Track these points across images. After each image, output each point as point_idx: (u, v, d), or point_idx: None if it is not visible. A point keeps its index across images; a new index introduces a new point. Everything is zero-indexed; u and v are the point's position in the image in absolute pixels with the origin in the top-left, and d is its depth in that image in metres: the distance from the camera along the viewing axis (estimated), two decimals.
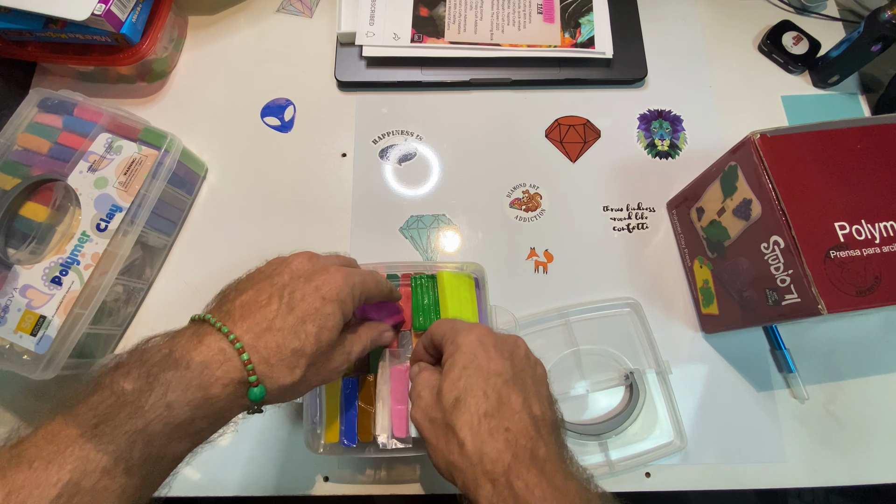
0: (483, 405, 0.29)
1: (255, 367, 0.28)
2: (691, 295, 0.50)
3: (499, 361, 0.31)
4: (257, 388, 0.29)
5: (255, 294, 0.31)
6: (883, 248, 0.35)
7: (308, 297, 0.31)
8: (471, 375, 0.30)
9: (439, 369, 0.34)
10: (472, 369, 0.31)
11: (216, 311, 0.31)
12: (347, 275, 0.33)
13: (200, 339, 0.28)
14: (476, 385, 0.30)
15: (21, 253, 0.43)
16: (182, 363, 0.27)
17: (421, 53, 0.55)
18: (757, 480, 0.45)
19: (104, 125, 0.47)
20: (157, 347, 0.28)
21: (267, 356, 0.29)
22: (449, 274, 0.44)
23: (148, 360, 0.27)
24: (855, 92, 0.57)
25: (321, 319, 0.31)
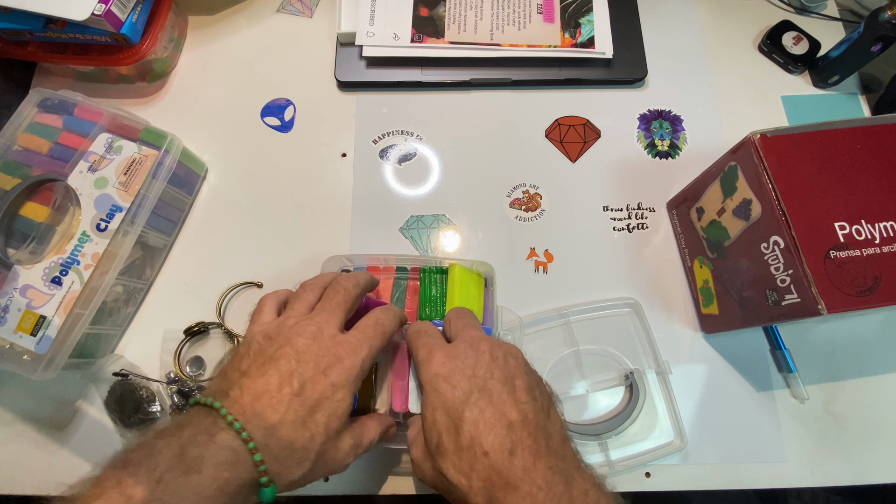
0: (457, 441, 0.29)
1: (266, 468, 0.27)
2: (691, 295, 0.50)
3: (462, 385, 0.30)
4: (269, 489, 0.28)
5: (262, 381, 0.29)
6: (883, 248, 0.35)
7: (318, 386, 0.30)
8: (441, 415, 0.30)
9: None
10: (441, 409, 0.30)
11: (222, 397, 0.29)
12: (356, 349, 0.32)
13: (212, 435, 0.27)
14: (447, 423, 0.30)
15: (21, 253, 0.43)
16: (194, 468, 0.25)
17: (421, 53, 0.55)
18: (757, 480, 0.45)
19: (104, 125, 0.47)
20: (166, 443, 0.26)
21: (277, 453, 0.28)
22: (461, 268, 0.44)
23: (158, 461, 0.25)
24: (855, 92, 0.57)
25: (331, 407, 0.30)
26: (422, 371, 0.33)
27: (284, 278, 0.50)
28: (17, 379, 0.45)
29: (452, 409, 0.30)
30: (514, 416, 0.29)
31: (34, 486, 0.44)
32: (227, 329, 0.48)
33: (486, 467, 0.28)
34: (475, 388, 0.30)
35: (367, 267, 0.47)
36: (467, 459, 0.28)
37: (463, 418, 0.29)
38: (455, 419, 0.29)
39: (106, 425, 0.46)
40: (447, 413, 0.30)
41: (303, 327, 0.32)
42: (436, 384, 0.31)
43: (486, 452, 0.28)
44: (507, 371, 0.32)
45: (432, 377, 0.31)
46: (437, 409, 0.30)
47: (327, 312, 0.33)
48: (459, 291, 0.43)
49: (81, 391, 0.47)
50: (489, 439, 0.28)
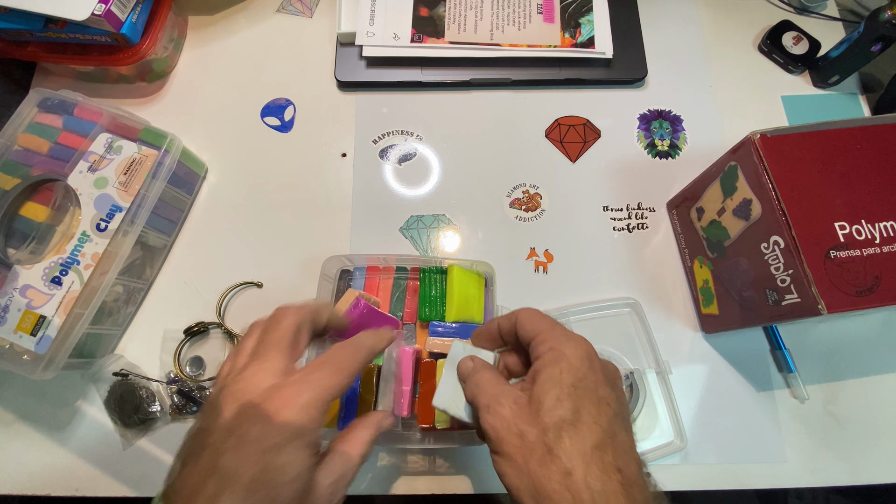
0: (596, 436, 0.25)
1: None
2: (691, 295, 0.50)
3: (607, 390, 0.27)
4: None
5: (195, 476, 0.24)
6: (883, 248, 0.35)
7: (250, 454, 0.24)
8: (581, 397, 0.26)
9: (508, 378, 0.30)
10: (583, 391, 0.26)
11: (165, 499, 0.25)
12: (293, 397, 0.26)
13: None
14: (588, 411, 0.26)
15: (21, 253, 0.43)
16: None
17: (421, 53, 0.55)
18: (757, 480, 0.45)
19: (104, 125, 0.47)
20: None
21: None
22: (460, 269, 0.44)
23: None
24: (855, 92, 0.57)
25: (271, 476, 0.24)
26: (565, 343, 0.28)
27: (284, 278, 0.50)
28: (17, 379, 0.45)
29: (597, 404, 0.26)
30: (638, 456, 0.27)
31: (34, 486, 0.44)
32: (226, 329, 0.48)
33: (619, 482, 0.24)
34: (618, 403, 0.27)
35: (367, 267, 0.47)
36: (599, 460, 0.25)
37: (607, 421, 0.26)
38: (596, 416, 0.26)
39: (106, 425, 0.46)
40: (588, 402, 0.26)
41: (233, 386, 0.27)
42: (583, 367, 0.27)
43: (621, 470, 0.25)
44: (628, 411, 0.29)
45: (582, 357, 0.28)
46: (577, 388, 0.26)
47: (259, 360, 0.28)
48: (459, 292, 0.43)
49: (81, 391, 0.47)
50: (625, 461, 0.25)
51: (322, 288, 0.45)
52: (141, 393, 0.45)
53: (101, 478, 0.44)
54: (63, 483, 0.44)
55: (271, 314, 0.31)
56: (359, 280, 0.47)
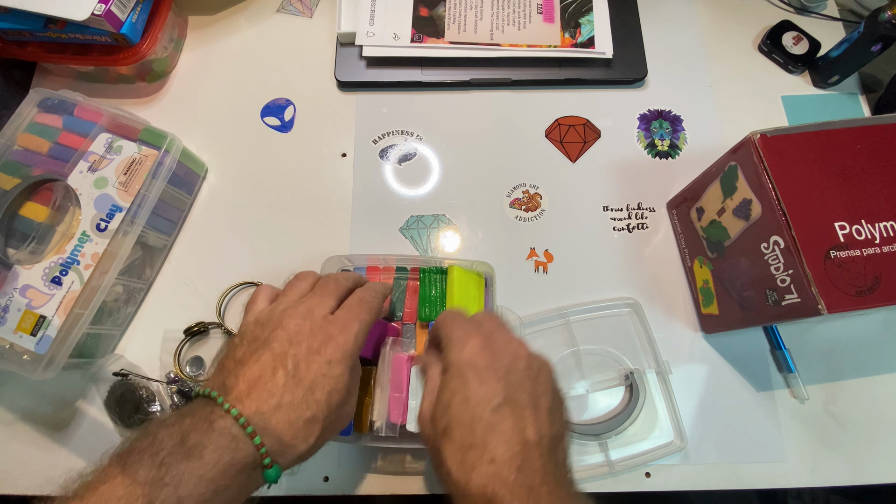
0: (468, 437, 0.28)
1: (267, 450, 0.28)
2: (691, 295, 0.50)
3: (491, 385, 0.30)
4: (273, 469, 0.28)
5: (257, 367, 0.30)
6: (883, 248, 0.35)
7: (313, 365, 0.30)
8: (459, 404, 0.29)
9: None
10: (462, 397, 0.30)
11: (220, 387, 0.29)
12: (346, 325, 0.32)
13: (211, 423, 0.27)
14: (463, 415, 0.29)
15: (21, 253, 0.43)
16: (195, 453, 0.26)
17: (421, 53, 0.55)
18: (757, 480, 0.45)
19: (104, 125, 0.47)
20: (168, 432, 0.27)
21: (279, 435, 0.28)
22: (460, 269, 0.44)
23: (160, 448, 0.26)
24: (855, 92, 0.57)
25: (330, 383, 0.30)
26: (453, 351, 0.32)
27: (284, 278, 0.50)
28: (17, 379, 0.45)
29: (473, 404, 0.29)
30: (531, 435, 0.29)
31: (34, 486, 0.44)
32: (227, 329, 0.48)
33: (488, 474, 0.27)
34: (503, 393, 0.30)
35: (367, 267, 0.47)
36: (472, 459, 0.28)
37: (480, 419, 0.29)
38: (472, 415, 0.29)
39: (106, 425, 0.46)
40: (466, 405, 0.29)
41: (293, 310, 0.32)
42: (464, 371, 0.30)
43: (493, 460, 0.28)
44: (536, 387, 0.31)
45: (463, 363, 0.31)
46: (457, 395, 0.30)
47: (318, 297, 0.34)
48: (458, 292, 0.43)
49: (81, 391, 0.47)
50: (500, 449, 0.28)
51: None
52: (141, 393, 0.45)
53: None
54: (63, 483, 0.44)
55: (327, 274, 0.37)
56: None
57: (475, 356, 0.31)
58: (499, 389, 0.30)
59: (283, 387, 0.29)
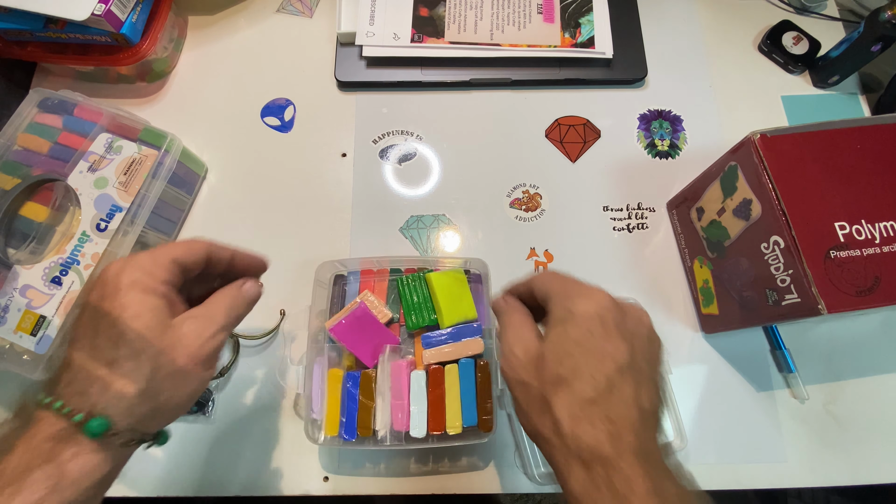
0: (590, 391, 0.26)
1: (71, 408, 0.25)
2: (691, 295, 0.50)
3: (618, 344, 0.28)
4: (92, 422, 0.25)
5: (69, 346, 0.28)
6: (883, 248, 0.35)
7: (87, 313, 0.27)
8: (583, 355, 0.27)
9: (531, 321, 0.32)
10: (586, 349, 0.27)
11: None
12: (123, 259, 0.29)
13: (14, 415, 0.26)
14: (586, 368, 0.27)
15: (21, 253, 0.43)
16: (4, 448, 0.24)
17: (421, 53, 0.55)
18: (757, 480, 0.45)
19: (104, 125, 0.47)
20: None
21: (81, 389, 0.25)
22: (436, 274, 0.44)
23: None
24: (855, 92, 0.57)
25: (114, 317, 0.26)
26: (578, 301, 0.29)
27: (284, 278, 0.50)
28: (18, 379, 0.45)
29: (599, 359, 0.27)
30: (646, 404, 0.27)
31: None
32: None
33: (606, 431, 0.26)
34: (628, 355, 0.28)
35: (361, 270, 0.47)
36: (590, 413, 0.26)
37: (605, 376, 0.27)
38: (596, 370, 0.27)
39: None
40: (590, 357, 0.27)
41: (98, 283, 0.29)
42: (591, 323, 0.28)
43: (613, 421, 0.26)
44: (654, 360, 0.30)
45: (592, 314, 0.28)
46: (581, 346, 0.28)
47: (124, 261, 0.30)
48: (443, 297, 0.43)
49: None
50: (620, 411, 0.26)
51: (317, 294, 0.45)
52: None
53: None
54: None
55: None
56: (353, 284, 0.47)
57: (604, 310, 0.29)
58: (625, 350, 0.28)
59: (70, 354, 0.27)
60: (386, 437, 0.40)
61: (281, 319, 0.48)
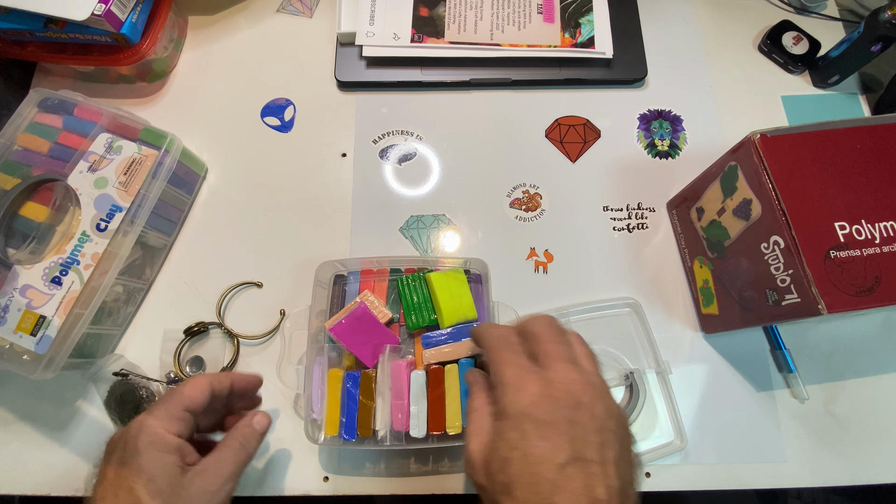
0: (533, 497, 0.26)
1: None
2: (691, 295, 0.50)
3: (554, 440, 0.27)
4: None
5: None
6: (883, 248, 0.35)
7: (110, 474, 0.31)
8: (519, 459, 0.27)
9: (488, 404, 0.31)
10: (522, 453, 0.27)
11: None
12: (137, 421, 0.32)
13: None
14: (525, 473, 0.27)
15: (21, 253, 0.43)
16: None
17: (421, 53, 0.55)
18: (757, 480, 0.45)
19: (104, 125, 0.47)
20: None
21: None
22: (436, 274, 0.44)
23: None
24: (855, 92, 0.57)
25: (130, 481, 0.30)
26: (507, 395, 0.29)
27: (284, 278, 0.50)
28: (17, 379, 0.45)
29: (536, 462, 0.27)
30: (600, 493, 0.26)
31: (34, 486, 0.44)
32: (226, 329, 0.48)
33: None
34: (568, 449, 0.27)
35: (361, 270, 0.47)
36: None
37: (546, 479, 0.26)
38: (536, 474, 0.26)
39: (106, 425, 0.46)
40: (527, 462, 0.27)
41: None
42: (522, 424, 0.28)
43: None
44: (604, 437, 0.28)
45: (521, 414, 0.28)
46: (517, 450, 0.27)
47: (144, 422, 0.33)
48: (443, 297, 0.43)
49: (81, 391, 0.47)
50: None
51: (317, 294, 0.45)
52: (141, 393, 0.45)
53: None
54: (63, 483, 0.44)
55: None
56: (353, 284, 0.47)
57: (533, 407, 0.28)
58: (563, 445, 0.27)
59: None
60: (386, 437, 0.40)
61: (281, 319, 0.48)
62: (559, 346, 0.31)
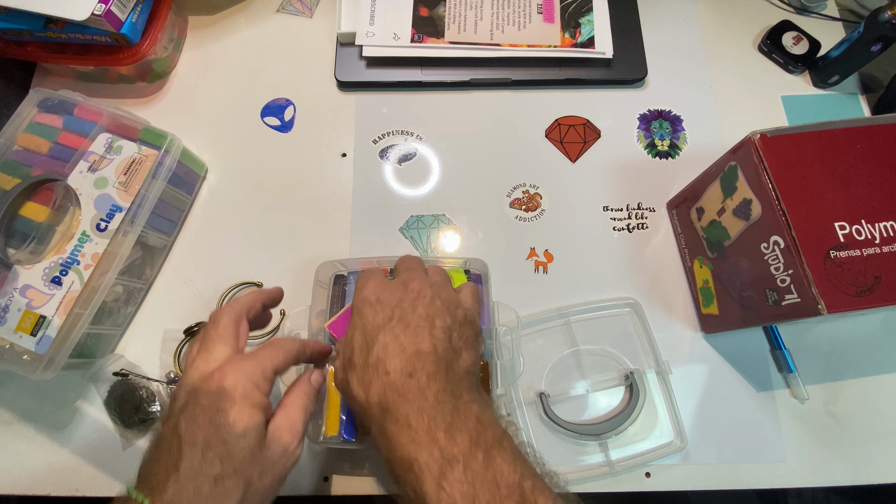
0: (365, 358, 0.31)
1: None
2: (691, 295, 0.50)
3: (385, 311, 0.33)
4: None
5: (158, 445, 0.30)
6: (883, 248, 0.35)
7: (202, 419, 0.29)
8: (357, 334, 0.33)
9: None
10: (359, 328, 0.33)
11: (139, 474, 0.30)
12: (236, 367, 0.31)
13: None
14: (361, 341, 0.32)
15: (21, 253, 0.43)
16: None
17: (421, 53, 0.55)
18: (757, 480, 0.45)
19: (104, 125, 0.47)
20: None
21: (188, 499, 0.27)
22: None
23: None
24: (855, 92, 0.57)
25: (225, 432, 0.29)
26: (355, 297, 0.35)
27: (284, 278, 0.50)
28: (17, 379, 0.45)
29: (370, 330, 0.32)
30: (424, 346, 0.31)
31: (34, 486, 0.44)
32: None
33: (384, 384, 0.30)
34: (396, 316, 0.32)
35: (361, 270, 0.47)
36: (370, 376, 0.31)
37: (376, 340, 0.31)
38: (369, 340, 0.32)
39: (106, 425, 0.46)
40: (364, 334, 0.32)
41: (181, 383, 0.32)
42: (361, 307, 0.34)
43: (388, 372, 0.30)
44: (432, 310, 0.33)
45: (361, 301, 0.34)
46: (357, 329, 0.33)
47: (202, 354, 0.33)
48: None
49: (81, 391, 0.47)
50: (394, 362, 0.30)
51: (317, 294, 0.45)
52: (141, 393, 0.45)
53: (102, 478, 0.44)
54: (63, 483, 0.44)
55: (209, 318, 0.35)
56: (353, 285, 0.47)
57: (369, 293, 0.34)
58: (391, 313, 0.33)
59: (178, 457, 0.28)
60: None
61: (281, 319, 0.48)
62: (413, 266, 0.37)
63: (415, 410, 0.29)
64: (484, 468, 0.27)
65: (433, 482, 0.27)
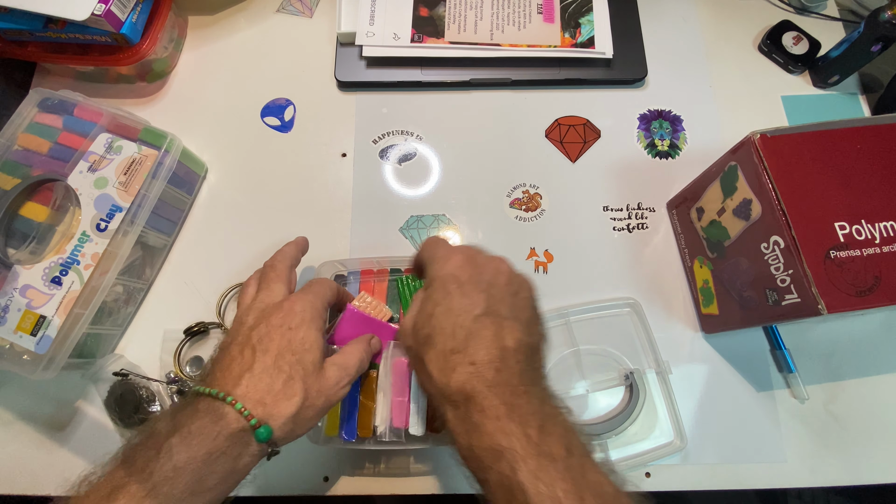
0: (450, 343, 0.30)
1: (251, 412, 0.30)
2: (691, 295, 0.50)
3: (473, 297, 0.31)
4: (262, 429, 0.30)
5: (228, 356, 0.33)
6: (883, 248, 0.35)
7: (275, 335, 0.33)
8: (442, 314, 0.31)
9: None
10: (445, 307, 0.31)
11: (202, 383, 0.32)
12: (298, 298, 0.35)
13: (196, 406, 0.30)
14: (446, 323, 0.31)
15: (21, 253, 0.43)
16: (184, 429, 0.29)
17: (421, 53, 0.55)
18: (757, 480, 0.45)
19: (104, 125, 0.47)
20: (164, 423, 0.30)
21: (260, 398, 0.31)
22: None
23: (156, 433, 0.29)
24: (855, 92, 0.57)
25: (296, 345, 0.33)
26: (436, 266, 0.33)
27: None
28: (17, 379, 0.45)
29: (456, 313, 0.31)
30: (510, 342, 0.30)
31: (34, 486, 0.44)
32: (227, 329, 0.48)
33: (468, 373, 0.29)
34: (484, 304, 0.31)
35: (361, 270, 0.47)
36: (453, 362, 0.30)
37: (462, 326, 0.30)
38: (454, 323, 0.31)
39: (106, 425, 0.46)
40: (449, 314, 0.31)
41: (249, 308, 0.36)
42: (447, 284, 0.32)
43: (474, 363, 0.29)
44: (517, 302, 0.33)
45: (447, 275, 0.32)
46: (440, 305, 0.31)
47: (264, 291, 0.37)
48: None
49: (81, 391, 0.47)
50: (481, 354, 0.30)
51: None
52: (141, 393, 0.45)
53: None
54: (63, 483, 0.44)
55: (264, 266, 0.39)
56: (353, 284, 0.47)
57: (458, 270, 0.33)
58: (480, 300, 0.31)
59: (250, 359, 0.32)
60: (385, 433, 0.40)
61: None
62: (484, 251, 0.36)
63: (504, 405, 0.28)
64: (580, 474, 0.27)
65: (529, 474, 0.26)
